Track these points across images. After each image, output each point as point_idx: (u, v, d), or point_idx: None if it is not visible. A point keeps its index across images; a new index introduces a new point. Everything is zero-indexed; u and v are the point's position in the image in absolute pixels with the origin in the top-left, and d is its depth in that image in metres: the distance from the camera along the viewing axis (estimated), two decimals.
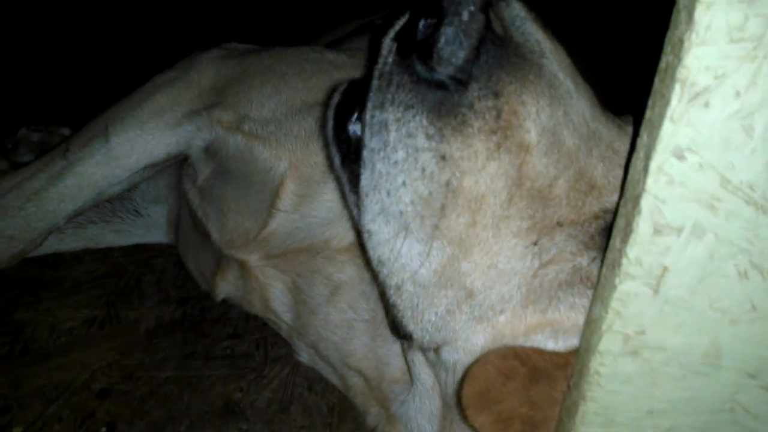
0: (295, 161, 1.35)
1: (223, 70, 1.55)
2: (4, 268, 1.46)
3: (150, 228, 1.86)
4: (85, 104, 2.30)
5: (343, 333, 1.27)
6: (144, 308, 1.60)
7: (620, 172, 0.84)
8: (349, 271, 1.28)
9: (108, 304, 1.59)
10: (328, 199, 1.32)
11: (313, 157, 1.34)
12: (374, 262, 0.90)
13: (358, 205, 0.90)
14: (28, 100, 2.06)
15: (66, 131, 1.88)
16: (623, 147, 0.86)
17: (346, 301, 1.27)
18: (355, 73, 1.48)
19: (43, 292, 1.60)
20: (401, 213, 0.83)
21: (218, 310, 1.62)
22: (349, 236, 1.29)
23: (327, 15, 2.97)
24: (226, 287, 1.53)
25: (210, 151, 1.49)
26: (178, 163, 1.64)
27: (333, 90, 0.97)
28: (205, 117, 1.48)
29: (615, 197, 0.83)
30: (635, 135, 0.70)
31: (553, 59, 0.80)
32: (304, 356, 1.44)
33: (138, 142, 1.50)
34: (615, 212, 0.74)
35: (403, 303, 0.90)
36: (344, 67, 1.50)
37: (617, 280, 0.71)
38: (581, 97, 0.83)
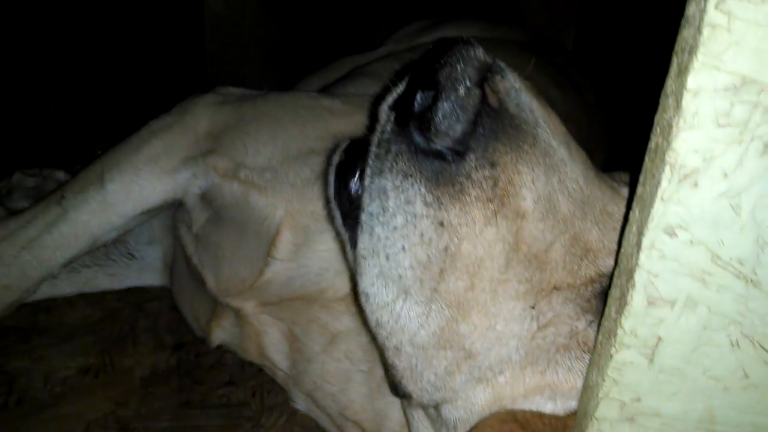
0: (291, 210, 1.36)
1: (219, 116, 1.56)
2: None
3: (144, 270, 1.86)
4: (81, 145, 2.31)
5: (340, 383, 1.28)
6: (139, 355, 1.60)
7: (614, 236, 0.86)
8: (345, 321, 1.29)
9: (102, 352, 1.58)
10: (324, 248, 1.33)
11: (310, 206, 1.35)
12: (372, 324, 0.91)
13: (356, 266, 0.91)
14: (22, 140, 2.07)
15: (61, 175, 1.88)
16: (617, 209, 0.88)
17: (342, 351, 1.28)
18: (351, 120, 1.50)
19: (37, 339, 1.59)
20: (400, 277, 0.85)
21: (213, 356, 1.62)
22: (345, 286, 1.30)
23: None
24: (221, 334, 1.54)
25: (206, 198, 1.50)
26: (174, 205, 1.65)
27: (334, 148, 0.99)
28: (201, 164, 1.49)
29: (610, 261, 0.85)
30: (628, 208, 0.72)
31: (547, 128, 0.83)
32: (301, 405, 1.44)
33: (134, 188, 1.51)
34: (610, 281, 0.76)
35: (402, 364, 0.91)
36: (340, 114, 1.52)
37: (613, 350, 0.72)
38: (575, 163, 0.85)
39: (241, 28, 3.43)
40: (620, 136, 2.42)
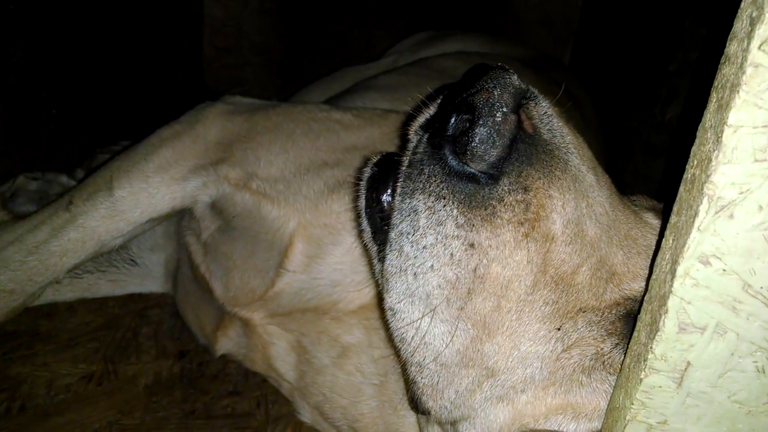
0: (304, 222, 1.36)
1: (229, 125, 1.57)
2: (1, 322, 1.44)
3: (146, 277, 1.85)
4: (82, 147, 2.29)
5: (350, 396, 1.28)
6: (142, 363, 1.59)
7: (638, 260, 0.88)
8: (357, 334, 1.29)
9: (105, 359, 1.57)
10: (337, 260, 1.33)
11: (323, 218, 1.36)
12: (396, 340, 0.92)
13: (383, 281, 0.92)
14: (25, 143, 2.05)
15: (64, 179, 1.87)
16: (640, 234, 0.90)
17: (354, 364, 1.28)
18: (362, 133, 1.51)
19: (39, 345, 1.58)
20: (428, 295, 0.86)
21: (217, 365, 1.62)
22: (358, 298, 1.31)
23: None
24: (227, 343, 1.53)
25: (216, 207, 1.50)
26: (180, 212, 1.64)
27: (365, 161, 1.00)
28: (211, 173, 1.49)
29: (634, 285, 0.86)
30: (660, 235, 0.74)
31: (577, 154, 0.85)
32: (307, 416, 1.44)
33: (143, 195, 1.51)
34: (639, 306, 0.77)
35: (423, 380, 0.92)
36: (351, 127, 1.53)
37: (643, 374, 0.74)
38: (602, 188, 0.87)
39: (240, 33, 3.43)
40: (615, 151, 2.46)
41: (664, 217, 0.82)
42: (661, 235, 0.74)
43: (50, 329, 1.64)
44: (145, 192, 1.51)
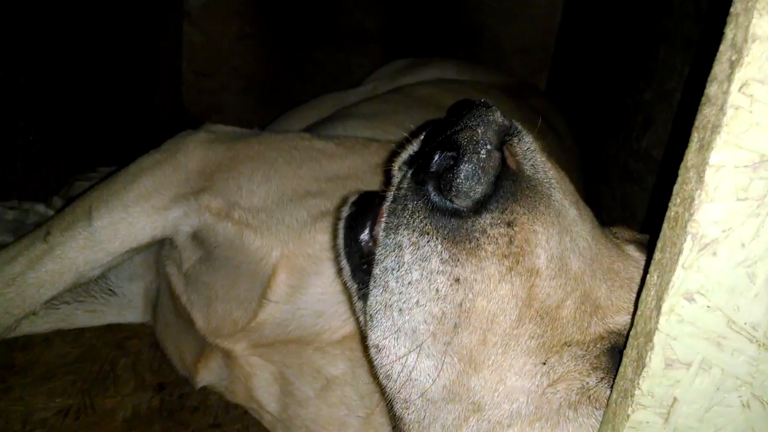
0: (287, 252, 1.35)
1: (211, 154, 1.56)
2: None
3: (124, 307, 1.82)
4: (59, 175, 2.26)
5: (334, 429, 1.27)
6: (120, 395, 1.55)
7: (621, 293, 0.89)
8: (341, 366, 1.28)
9: (82, 392, 1.53)
10: (321, 291, 1.32)
11: (306, 248, 1.35)
12: (382, 376, 0.91)
13: (366, 318, 0.91)
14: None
15: (41, 208, 1.84)
16: (622, 266, 0.91)
17: (338, 396, 1.27)
18: (344, 162, 1.51)
19: (14, 379, 1.53)
20: (414, 331, 0.85)
21: (197, 397, 1.58)
22: (342, 329, 1.30)
23: None
24: (208, 375, 1.51)
25: (198, 237, 1.48)
26: (160, 242, 1.62)
27: (344, 200, 1.00)
28: (193, 202, 1.48)
29: (618, 318, 0.87)
30: (645, 271, 0.75)
31: (560, 188, 0.85)
32: None
33: (122, 226, 1.49)
34: (625, 341, 0.78)
35: (410, 416, 0.92)
36: (333, 156, 1.53)
37: (630, 409, 0.74)
38: (585, 222, 0.88)
39: (219, 58, 3.43)
40: (593, 176, 2.49)
41: (649, 251, 0.83)
42: (646, 270, 0.75)
43: (25, 362, 1.60)
44: (124, 222, 1.49)
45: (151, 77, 3.11)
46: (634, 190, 2.11)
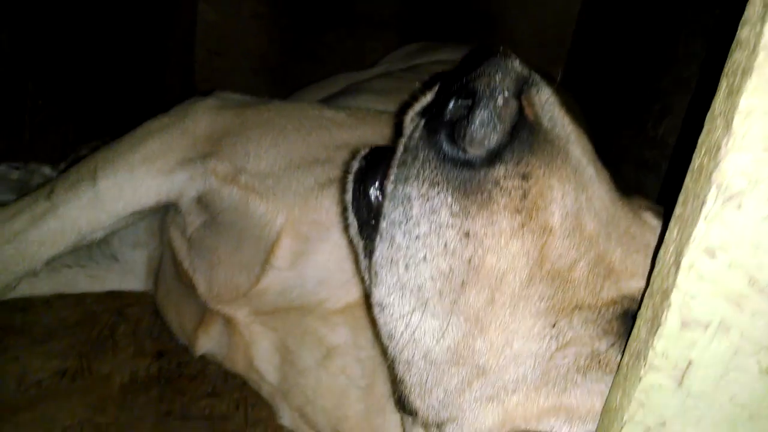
0: (292, 218, 1.33)
1: (219, 120, 1.53)
2: None
3: (126, 274, 1.80)
4: (67, 142, 2.25)
5: (335, 399, 1.24)
6: (118, 361, 1.53)
7: (637, 258, 0.85)
8: (343, 334, 1.26)
9: (80, 355, 1.52)
10: (325, 258, 1.30)
11: (312, 214, 1.32)
12: (385, 336, 0.89)
13: (371, 275, 0.89)
14: (7, 134, 2.00)
15: (47, 170, 1.82)
16: (639, 232, 0.88)
17: (339, 365, 1.24)
18: (355, 132, 1.48)
19: (12, 339, 1.52)
20: (420, 288, 0.82)
21: (196, 365, 1.56)
22: (345, 297, 1.27)
23: None
24: (208, 343, 1.49)
25: (202, 201, 1.46)
26: (162, 208, 1.60)
27: (353, 155, 0.97)
28: (199, 166, 1.46)
29: (632, 283, 0.84)
30: (664, 227, 0.72)
31: (578, 145, 0.82)
32: (287, 419, 1.39)
33: (127, 187, 1.47)
34: (640, 302, 0.75)
35: (412, 379, 0.89)
36: (344, 126, 1.50)
37: (642, 371, 0.71)
38: (602, 183, 0.85)
39: (232, 37, 3.41)
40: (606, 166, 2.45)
41: (666, 214, 0.80)
42: (664, 229, 0.71)
43: (24, 323, 1.58)
44: (129, 184, 1.47)
45: (164, 53, 3.09)
46: (649, 178, 2.07)
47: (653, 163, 2.05)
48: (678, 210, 0.69)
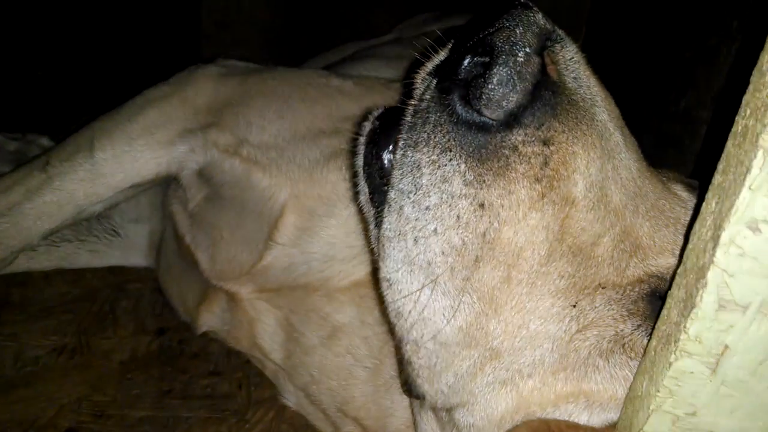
0: (296, 192, 1.27)
1: (222, 88, 1.47)
2: None
3: (128, 249, 1.75)
4: (67, 113, 2.19)
5: (340, 378, 1.19)
6: (118, 338, 1.49)
7: (666, 233, 0.79)
8: (349, 313, 1.20)
9: (79, 332, 1.48)
10: (330, 234, 1.24)
11: (317, 188, 1.26)
12: (392, 314, 0.82)
13: (379, 248, 0.82)
14: (6, 104, 1.95)
15: (45, 141, 1.77)
16: (668, 206, 0.81)
17: (344, 345, 1.19)
18: (362, 101, 1.41)
19: (9, 315, 1.48)
20: (429, 263, 0.76)
21: (198, 343, 1.52)
22: (351, 275, 1.22)
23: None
24: (210, 319, 1.44)
25: (204, 174, 1.40)
26: (164, 181, 1.54)
27: (365, 115, 0.90)
28: (200, 138, 1.39)
29: (661, 260, 0.77)
30: (700, 200, 0.65)
31: (605, 108, 0.75)
32: (291, 399, 1.35)
33: (126, 159, 1.41)
34: (669, 282, 0.68)
35: (420, 361, 0.83)
36: (351, 95, 1.43)
37: (673, 357, 0.65)
38: (630, 151, 0.78)
39: (240, 10, 3.33)
40: None
41: (702, 187, 0.73)
42: (701, 200, 0.64)
43: (23, 298, 1.54)
44: (128, 155, 1.41)
45: (171, 25, 3.02)
46: (670, 153, 1.98)
47: (675, 137, 1.97)
48: (717, 178, 0.62)
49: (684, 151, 1.89)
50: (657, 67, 2.23)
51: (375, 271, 0.83)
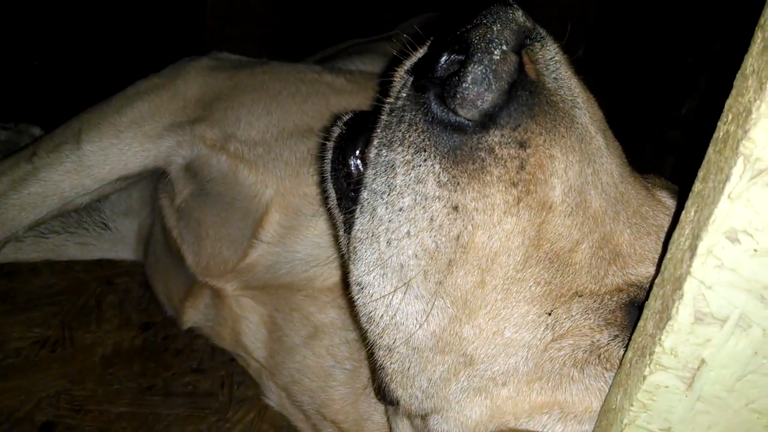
0: (282, 189, 1.25)
1: (212, 82, 1.45)
2: None
3: (117, 243, 1.74)
4: (61, 104, 2.18)
5: (320, 380, 1.17)
6: (102, 332, 1.47)
7: (647, 241, 0.76)
8: (331, 314, 1.18)
9: (63, 325, 1.46)
10: (315, 234, 1.22)
11: (303, 187, 1.24)
12: (363, 319, 0.80)
13: (350, 252, 0.80)
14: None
15: (36, 131, 1.76)
16: (651, 213, 0.78)
17: (325, 346, 1.17)
18: (354, 99, 1.39)
19: None
20: (402, 266, 0.74)
21: (182, 340, 1.50)
22: (334, 276, 1.19)
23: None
24: (195, 315, 1.42)
25: (191, 169, 1.38)
26: (155, 175, 1.53)
27: (335, 119, 0.88)
28: (188, 132, 1.37)
29: (641, 269, 0.75)
30: (679, 208, 0.62)
31: (586, 110, 0.73)
32: (273, 400, 1.33)
33: (113, 151, 1.39)
34: (647, 292, 0.66)
35: (393, 366, 0.81)
36: (343, 92, 1.41)
37: (647, 370, 0.62)
38: (611, 155, 0.75)
39: (244, 4, 3.31)
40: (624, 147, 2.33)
41: (683, 192, 0.70)
42: (680, 208, 0.62)
43: (8, 290, 1.53)
44: (115, 148, 1.39)
45: (174, 19, 3.01)
46: (668, 160, 1.95)
47: (675, 143, 1.93)
48: (697, 186, 0.60)
49: (684, 157, 1.86)
50: (659, 73, 2.20)
51: (345, 276, 0.81)
